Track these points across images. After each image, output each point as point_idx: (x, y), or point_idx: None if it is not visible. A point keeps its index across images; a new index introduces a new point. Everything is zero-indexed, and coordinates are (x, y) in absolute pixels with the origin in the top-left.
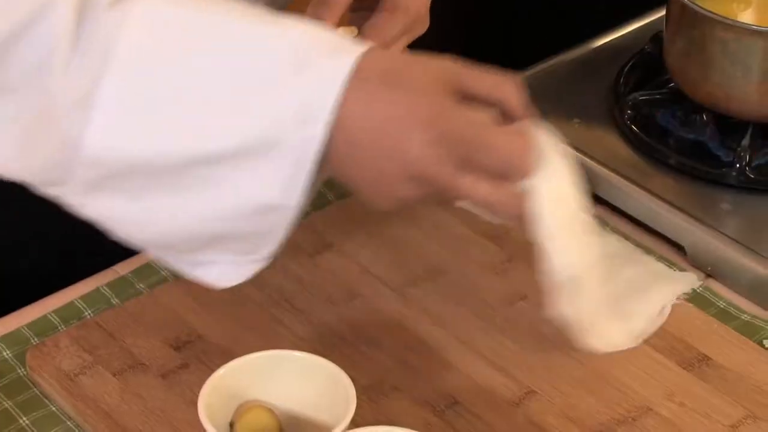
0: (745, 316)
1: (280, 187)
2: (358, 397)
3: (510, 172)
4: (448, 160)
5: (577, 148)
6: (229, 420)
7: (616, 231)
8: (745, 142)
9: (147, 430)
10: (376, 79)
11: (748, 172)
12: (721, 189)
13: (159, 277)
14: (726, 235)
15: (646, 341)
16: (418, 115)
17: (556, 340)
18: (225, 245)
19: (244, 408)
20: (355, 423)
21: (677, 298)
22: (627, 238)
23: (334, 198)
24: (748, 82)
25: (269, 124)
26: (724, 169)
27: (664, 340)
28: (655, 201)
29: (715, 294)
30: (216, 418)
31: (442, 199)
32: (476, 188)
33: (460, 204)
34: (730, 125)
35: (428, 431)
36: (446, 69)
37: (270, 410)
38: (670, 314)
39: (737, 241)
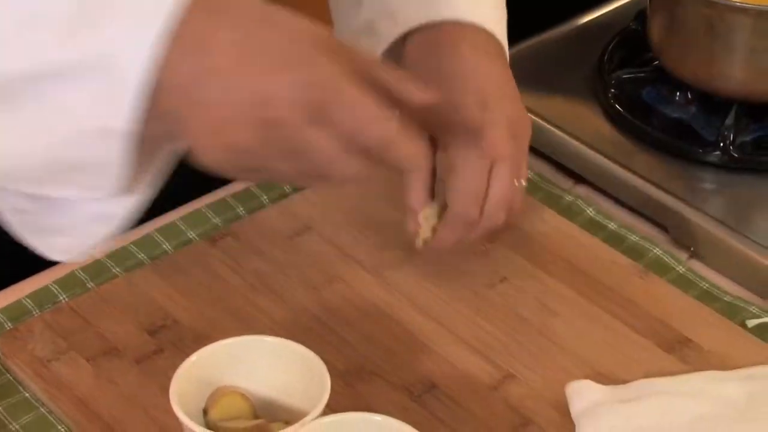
0: (728, 297)
1: (107, 108)
2: (334, 383)
3: (358, 136)
4: (303, 108)
5: (559, 127)
6: (202, 406)
7: (599, 212)
8: (729, 121)
9: (121, 417)
10: (244, 11)
11: (731, 152)
12: (705, 168)
13: (136, 260)
14: (709, 215)
15: (627, 323)
16: (287, 55)
17: (536, 323)
18: (67, 176)
19: (217, 394)
20: (331, 408)
21: None
22: (609, 218)
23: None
24: (732, 60)
25: (99, 39)
26: (707, 149)
27: (644, 322)
28: (637, 180)
29: (698, 275)
30: (189, 405)
31: (280, 151)
32: (319, 141)
33: None
34: (714, 104)
35: (405, 416)
36: (323, 34)
37: (244, 395)
38: (651, 296)
39: (720, 221)
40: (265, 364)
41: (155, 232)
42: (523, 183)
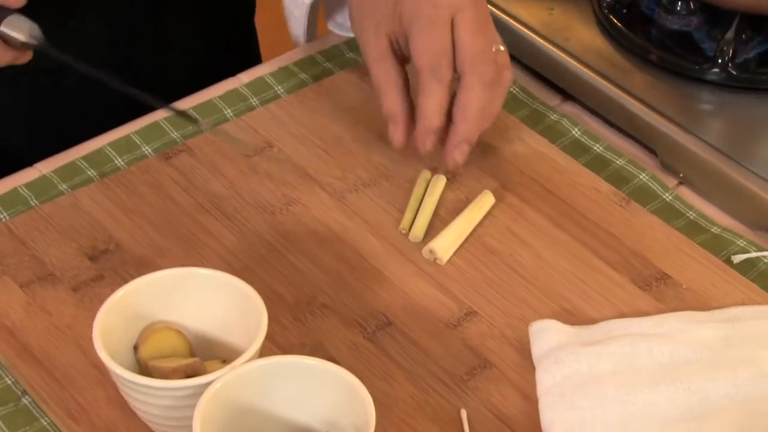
0: (716, 228)
1: None
2: (282, 317)
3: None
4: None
5: (550, 40)
6: (134, 343)
7: (585, 132)
8: (730, 34)
9: (51, 350)
10: None
11: (730, 69)
12: (701, 87)
13: (85, 177)
14: (701, 140)
15: (601, 256)
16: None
17: (503, 253)
18: None
19: (149, 330)
20: (277, 344)
21: None
22: (596, 139)
23: (283, 92)
24: None
25: None
26: (705, 65)
27: (619, 255)
28: (627, 99)
29: (685, 203)
30: (116, 342)
31: None
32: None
33: None
34: (718, 15)
35: (356, 355)
36: None
37: (179, 332)
38: (628, 226)
39: (713, 146)
40: (202, 298)
41: (107, 146)
42: (501, 48)
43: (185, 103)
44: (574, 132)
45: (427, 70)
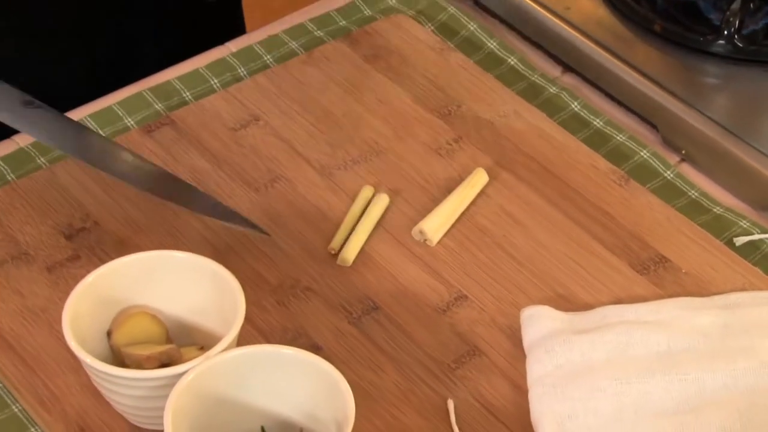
0: (718, 208)
1: None
2: (265, 300)
3: None
4: None
5: (550, 10)
6: (106, 329)
7: (585, 106)
8: (736, 5)
9: (22, 333)
10: None
11: (736, 41)
12: (706, 60)
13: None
14: (705, 115)
15: (598, 237)
16: None
17: (496, 234)
18: None
19: (123, 315)
20: (258, 329)
21: None
22: (596, 114)
23: (272, 61)
24: None
25: None
26: (711, 37)
27: (617, 237)
28: (628, 72)
29: (687, 182)
30: (88, 327)
31: None
32: None
33: None
34: None
35: (339, 341)
36: None
37: (154, 317)
38: (626, 207)
39: (717, 122)
40: (178, 282)
41: (88, 117)
42: None
43: (168, 74)
44: (573, 106)
45: None
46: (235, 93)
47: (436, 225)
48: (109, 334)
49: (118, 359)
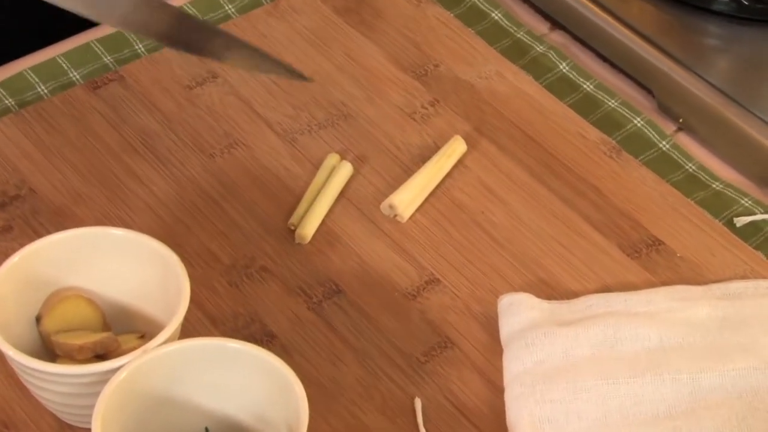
0: (717, 184)
1: None
2: (216, 280)
3: None
4: None
5: None
6: (35, 313)
7: (574, 68)
8: None
9: None
10: None
11: None
12: (707, 19)
13: (1, 106)
14: (705, 80)
15: (585, 216)
16: None
17: (473, 210)
18: None
19: (56, 298)
20: (207, 313)
21: None
22: (586, 76)
23: (234, 11)
24: None
25: None
26: None
27: (606, 216)
28: (622, 31)
29: (685, 154)
30: (13, 312)
31: None
32: None
33: None
34: None
35: (296, 329)
36: None
37: (90, 300)
38: (617, 181)
39: (717, 88)
40: (116, 263)
41: (28, 70)
42: None
43: None
44: (561, 67)
45: None
46: None
47: (407, 199)
48: (38, 319)
49: (48, 348)
